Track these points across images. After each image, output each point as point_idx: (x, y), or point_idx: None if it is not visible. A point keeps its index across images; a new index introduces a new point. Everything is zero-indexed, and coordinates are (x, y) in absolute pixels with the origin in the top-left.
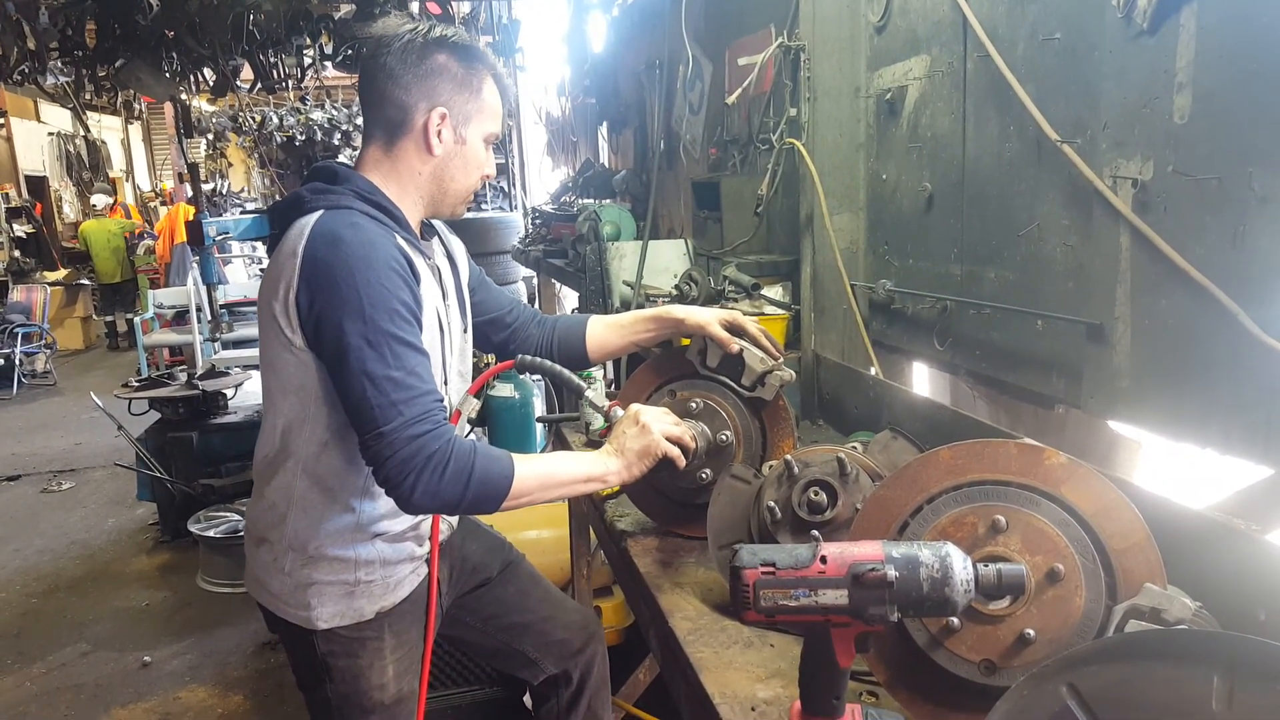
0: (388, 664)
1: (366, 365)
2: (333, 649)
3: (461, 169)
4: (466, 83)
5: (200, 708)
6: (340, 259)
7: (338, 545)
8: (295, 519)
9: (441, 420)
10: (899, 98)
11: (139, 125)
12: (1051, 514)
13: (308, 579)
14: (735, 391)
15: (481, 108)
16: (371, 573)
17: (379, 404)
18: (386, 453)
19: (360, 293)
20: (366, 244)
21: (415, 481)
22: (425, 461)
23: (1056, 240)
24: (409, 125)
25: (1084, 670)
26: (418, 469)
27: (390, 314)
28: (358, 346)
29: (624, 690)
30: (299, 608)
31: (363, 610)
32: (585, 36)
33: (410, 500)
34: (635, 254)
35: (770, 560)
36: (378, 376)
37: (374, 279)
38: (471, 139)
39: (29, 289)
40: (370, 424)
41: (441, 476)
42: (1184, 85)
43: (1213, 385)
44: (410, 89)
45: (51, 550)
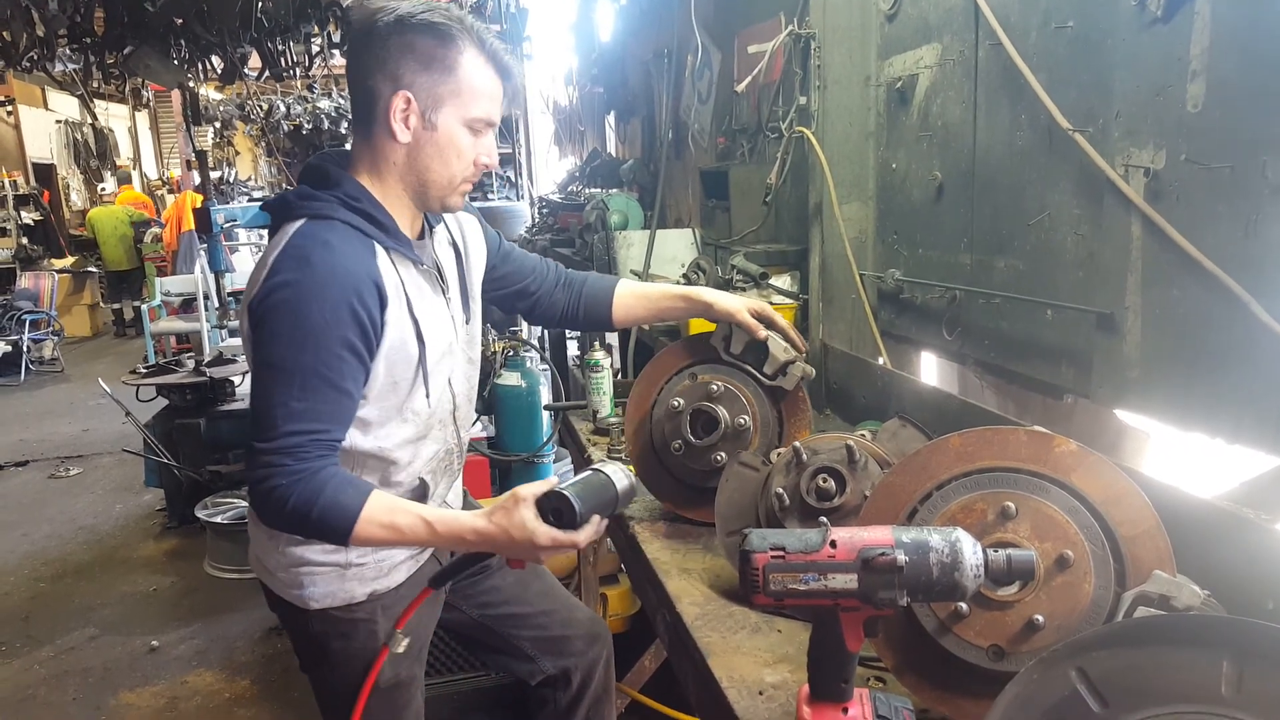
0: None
1: (275, 385)
2: (326, 629)
3: (437, 157)
4: (437, 62)
5: (207, 692)
6: (297, 283)
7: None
8: None
9: (306, 459)
10: (909, 86)
11: (146, 113)
12: (1061, 501)
13: (301, 559)
14: (756, 379)
15: (458, 89)
16: (364, 555)
17: (264, 422)
18: (249, 468)
19: (302, 323)
20: (328, 273)
21: (263, 503)
22: (269, 491)
23: (1067, 229)
24: (376, 112)
25: (1093, 655)
26: (264, 494)
27: (323, 350)
28: (276, 366)
29: (630, 676)
30: (294, 587)
31: (353, 592)
32: (593, 25)
33: (260, 517)
34: (643, 243)
35: (780, 544)
36: (276, 400)
37: (319, 313)
38: (445, 124)
39: (37, 276)
40: (252, 436)
41: (282, 509)
42: (1198, 73)
43: (1223, 375)
44: (374, 74)
45: (59, 535)
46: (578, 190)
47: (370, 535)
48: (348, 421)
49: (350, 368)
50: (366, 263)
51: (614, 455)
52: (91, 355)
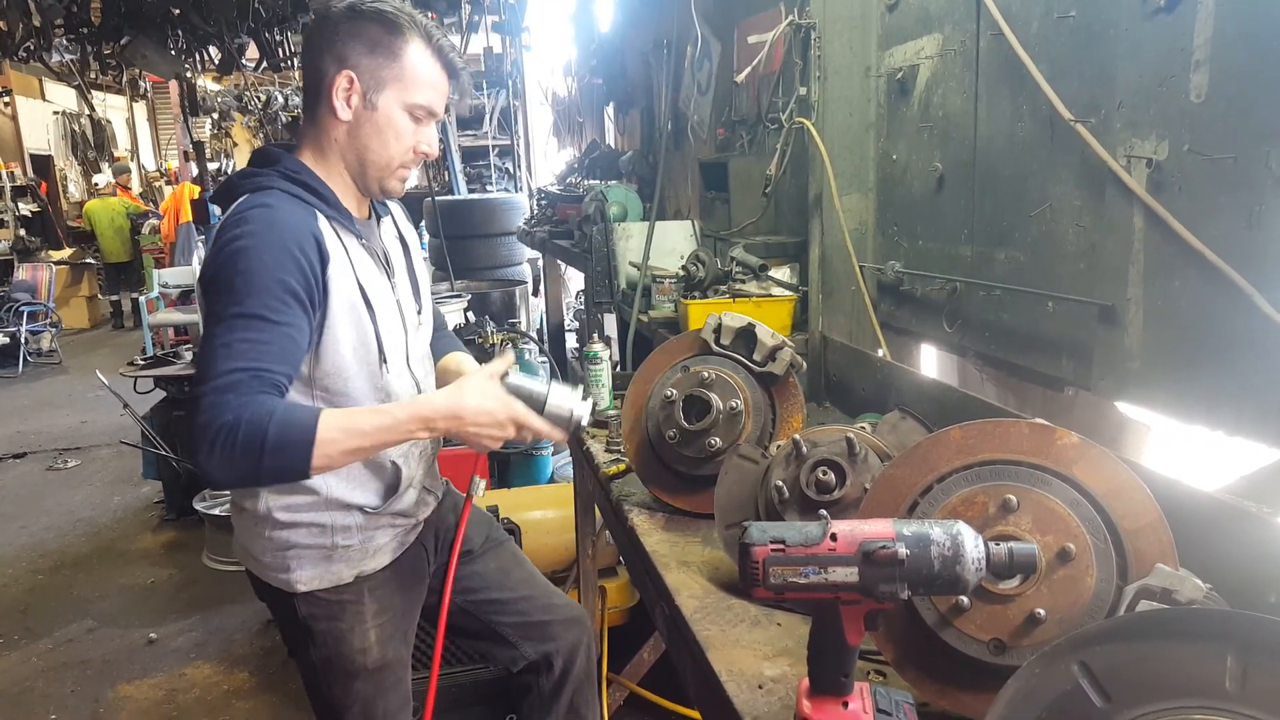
0: (369, 628)
1: (215, 329)
2: (313, 612)
3: (375, 137)
4: (383, 48)
5: (205, 684)
6: (234, 238)
7: (310, 513)
8: (264, 494)
9: (248, 392)
10: (910, 77)
11: (144, 104)
12: (1063, 494)
13: (286, 543)
14: (747, 367)
15: (400, 75)
16: (349, 537)
17: (206, 368)
18: (194, 416)
19: (238, 269)
20: (265, 225)
21: (210, 450)
22: (217, 431)
23: (1068, 221)
24: (322, 90)
25: (1096, 649)
26: (210, 438)
27: (261, 290)
28: (218, 315)
29: (628, 669)
30: (279, 571)
31: (340, 574)
32: (592, 16)
33: (206, 469)
34: (642, 235)
35: (780, 537)
36: (218, 343)
37: (258, 258)
38: (385, 106)
39: (34, 268)
40: (193, 381)
41: (232, 448)
42: (1201, 64)
43: (1225, 367)
44: (322, 54)
45: (58, 528)
46: (576, 182)
47: (333, 445)
48: (293, 365)
49: (293, 312)
50: (306, 221)
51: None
52: (89, 347)
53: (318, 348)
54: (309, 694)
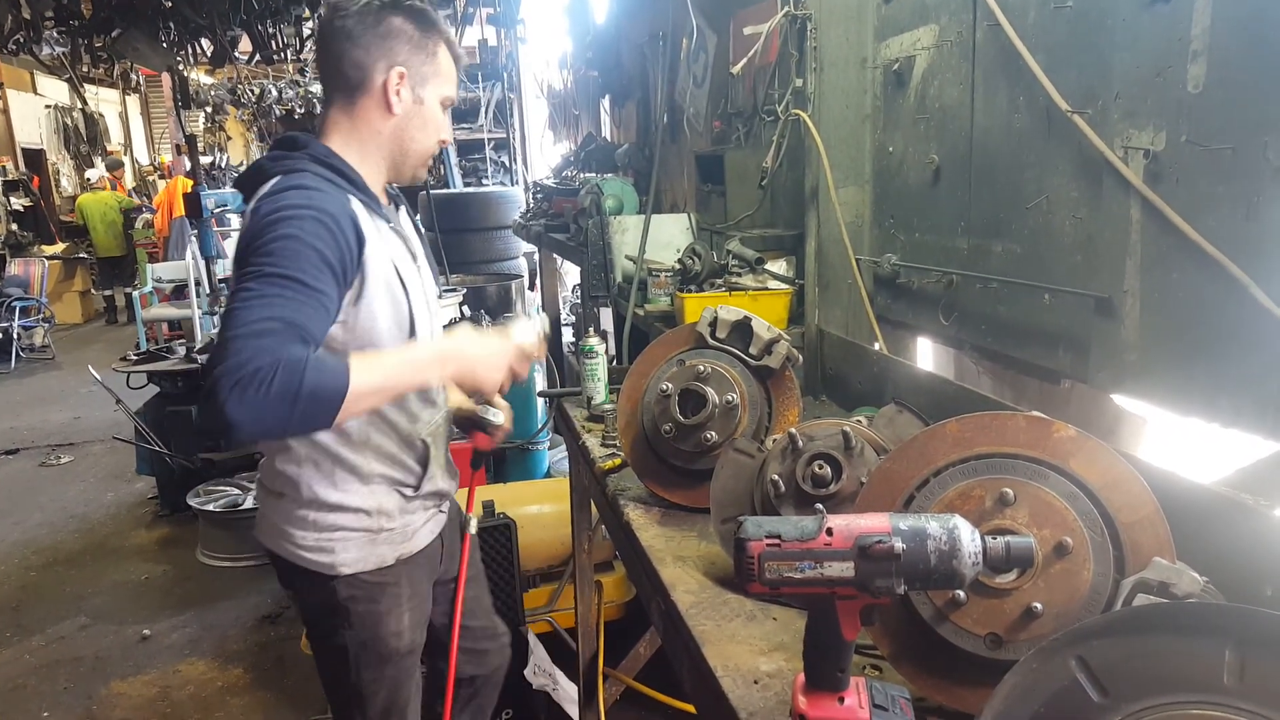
0: (404, 611)
1: (250, 284)
2: (354, 594)
3: (420, 129)
4: (423, 46)
5: (200, 680)
6: (273, 211)
7: (354, 498)
8: (309, 477)
9: (284, 341)
10: (906, 68)
11: (137, 98)
12: (1060, 487)
13: (333, 525)
14: (743, 361)
15: (437, 70)
16: (392, 520)
17: (233, 316)
18: (217, 359)
19: (278, 236)
20: (304, 201)
21: (240, 394)
22: (251, 375)
23: (1065, 213)
24: (368, 85)
25: (1094, 644)
26: (241, 381)
27: (299, 257)
28: (250, 273)
29: (624, 664)
30: (322, 554)
31: (384, 556)
32: (588, 8)
33: (231, 415)
34: (638, 228)
35: (775, 532)
36: (252, 294)
37: (298, 228)
38: (429, 100)
39: (27, 263)
40: (220, 331)
41: (266, 393)
42: (1199, 54)
43: (1223, 359)
44: (369, 49)
45: (50, 524)
46: (572, 175)
47: (365, 386)
48: (322, 332)
49: (328, 283)
50: (343, 202)
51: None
52: (82, 342)
53: (355, 325)
54: (333, 682)
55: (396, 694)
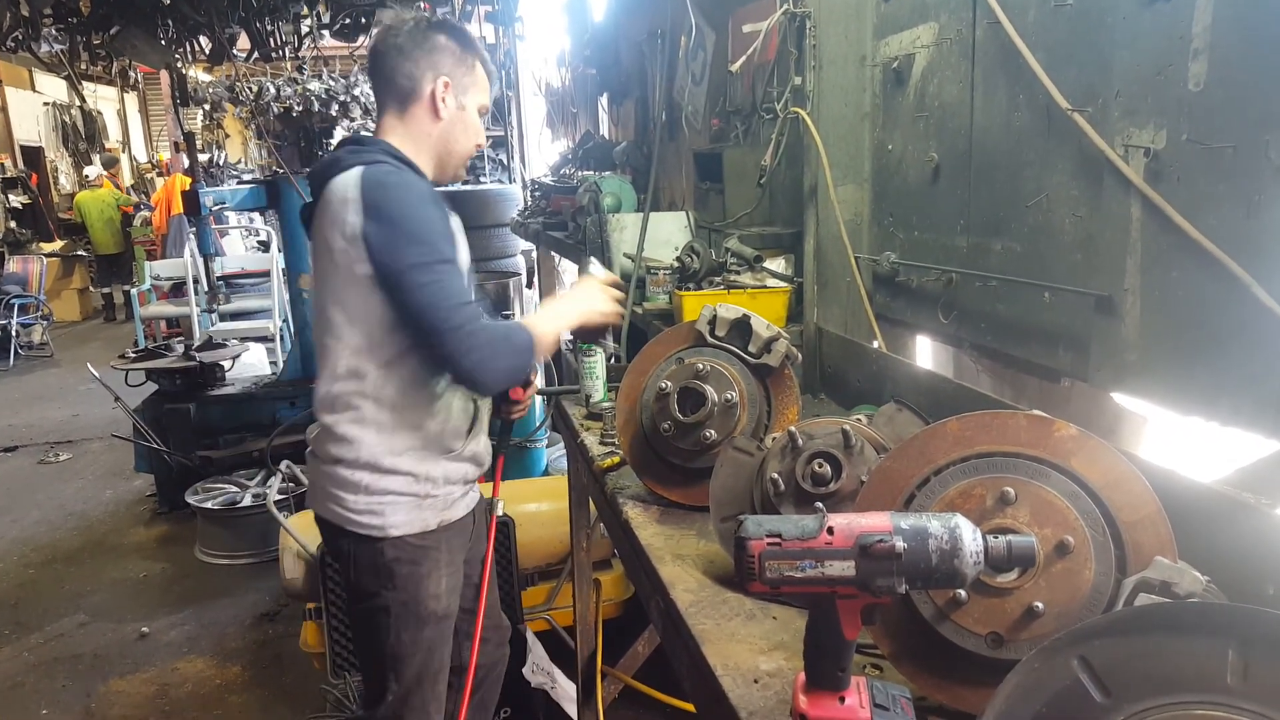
0: (442, 575)
1: (423, 280)
2: (399, 555)
3: (463, 133)
4: (464, 60)
5: (198, 678)
6: (393, 199)
7: (408, 461)
8: (369, 440)
9: (481, 315)
10: (906, 66)
11: (135, 95)
12: (1061, 486)
13: (386, 489)
14: (742, 359)
15: (476, 81)
16: (436, 488)
17: (440, 310)
18: (453, 347)
19: (412, 224)
20: (407, 185)
21: (492, 358)
22: (484, 345)
23: (1065, 211)
24: (418, 93)
25: (1096, 643)
26: (481, 351)
27: (435, 238)
28: (416, 266)
29: (623, 662)
30: (372, 516)
31: (427, 520)
32: (586, 5)
33: (480, 380)
34: (636, 226)
35: (776, 531)
36: (439, 286)
37: (420, 212)
38: (469, 107)
39: (25, 260)
40: (435, 329)
41: (495, 354)
42: (1200, 51)
43: (1224, 358)
44: (419, 62)
45: (49, 521)
46: (570, 173)
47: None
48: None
49: (454, 252)
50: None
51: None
52: (81, 340)
53: None
54: (371, 646)
55: (430, 659)
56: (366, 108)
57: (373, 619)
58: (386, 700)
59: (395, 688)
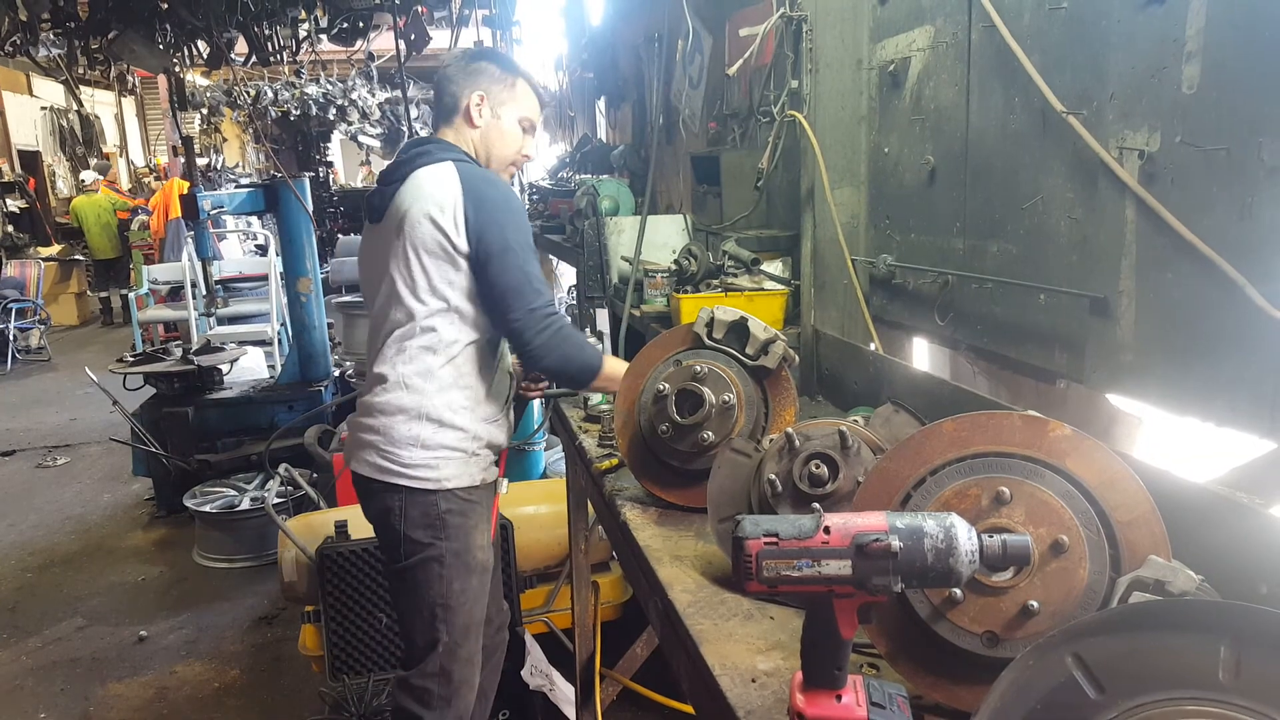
0: (485, 529)
1: (522, 262)
2: (451, 507)
3: (499, 139)
4: (503, 79)
5: (197, 682)
6: (499, 193)
7: (461, 417)
8: (432, 392)
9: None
10: (902, 69)
11: (133, 100)
12: (1056, 486)
13: (441, 443)
14: (740, 361)
15: (514, 97)
16: (480, 447)
17: (531, 290)
18: (532, 324)
19: (515, 217)
20: (508, 188)
21: (550, 340)
22: (558, 329)
23: (1061, 213)
24: (460, 107)
25: (1090, 641)
26: (552, 331)
27: (527, 232)
28: (518, 249)
29: (621, 664)
30: (428, 469)
31: (474, 475)
32: (583, 10)
33: (540, 357)
34: (634, 229)
35: (773, 530)
36: (529, 272)
37: (518, 211)
38: (505, 117)
39: (23, 264)
40: (523, 303)
41: (565, 340)
42: (1193, 55)
43: (1218, 359)
44: (460, 83)
45: (47, 525)
46: (568, 176)
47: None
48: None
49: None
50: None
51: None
52: (78, 344)
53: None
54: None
55: (474, 610)
56: (364, 112)
57: (425, 570)
58: (437, 651)
59: (446, 639)
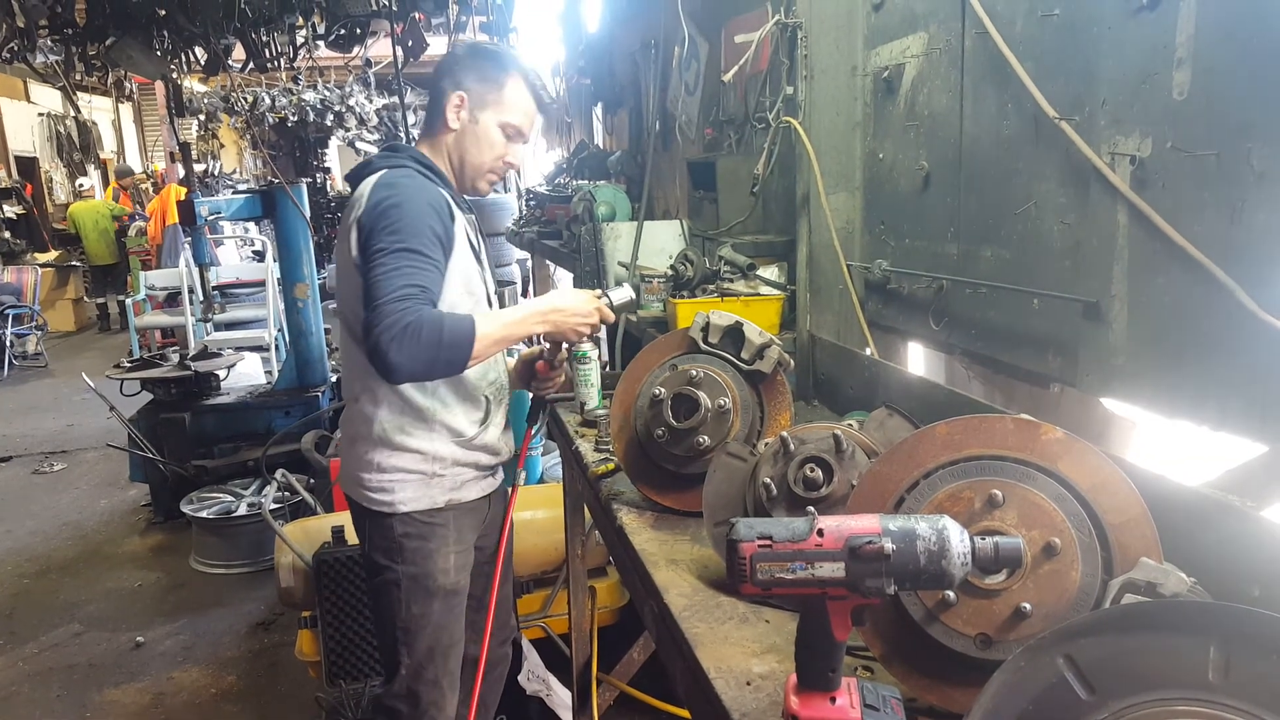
0: (450, 552)
1: (384, 260)
2: (409, 531)
3: (474, 145)
4: (489, 78)
5: (194, 688)
6: (391, 194)
7: (416, 439)
8: (382, 416)
9: (420, 302)
10: (896, 76)
11: (130, 106)
12: (1048, 489)
13: (395, 467)
14: (735, 365)
15: (500, 99)
16: (444, 468)
17: (379, 285)
18: (374, 322)
19: (398, 216)
20: (412, 187)
21: (399, 345)
22: (404, 329)
23: (1053, 218)
24: (439, 106)
25: (1081, 642)
26: (398, 335)
27: (417, 234)
28: (383, 248)
29: (618, 669)
30: (384, 494)
31: (435, 498)
32: (580, 16)
33: (393, 361)
34: (630, 235)
35: (767, 533)
36: (387, 269)
37: (412, 209)
38: (484, 121)
39: (20, 270)
40: (369, 302)
41: (418, 341)
42: (1184, 61)
43: (1210, 362)
44: (443, 81)
45: (44, 531)
46: (565, 182)
47: (486, 338)
48: (439, 293)
49: (437, 250)
50: (439, 190)
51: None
52: (75, 350)
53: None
54: (385, 622)
55: (440, 635)
56: (361, 118)
57: (385, 593)
58: (400, 674)
59: (407, 660)
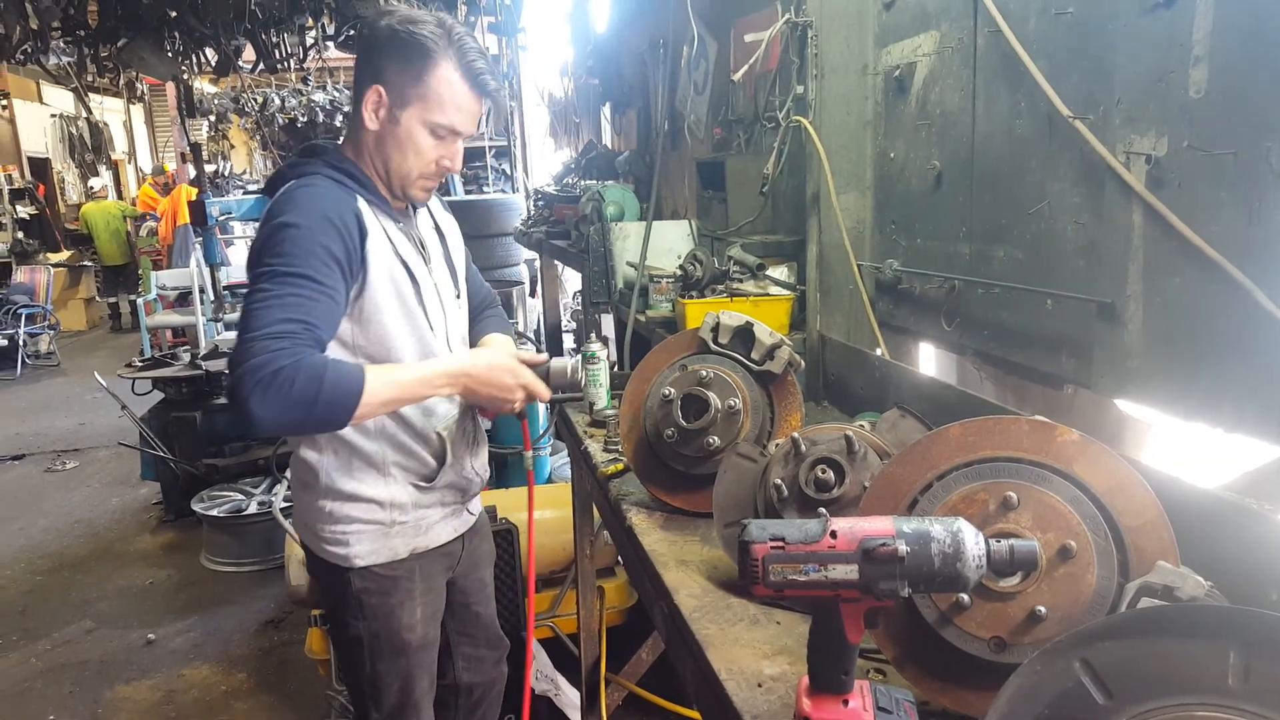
0: (417, 605)
1: (265, 286)
2: (367, 586)
3: (396, 150)
4: (412, 69)
5: (204, 685)
6: (284, 211)
7: (370, 486)
8: (328, 464)
9: (300, 343)
10: (908, 74)
11: (141, 107)
12: (1064, 491)
13: (348, 517)
14: (745, 366)
15: (424, 95)
16: (405, 514)
17: (255, 317)
18: (240, 359)
19: (286, 237)
20: (310, 199)
21: (263, 393)
22: (273, 375)
23: (1067, 218)
24: (360, 99)
25: (1098, 646)
26: (264, 380)
27: (305, 254)
28: (265, 272)
29: (627, 669)
30: (338, 546)
31: (396, 549)
32: (588, 16)
33: (254, 411)
34: (639, 235)
35: (780, 535)
36: (267, 296)
37: (304, 226)
38: (406, 122)
39: (32, 270)
40: (240, 333)
41: (288, 392)
42: (1200, 59)
43: (1226, 364)
44: (362, 67)
45: (56, 529)
46: (573, 182)
47: (375, 395)
48: (333, 325)
49: (335, 277)
50: (347, 200)
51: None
52: (87, 349)
53: (360, 316)
54: (350, 673)
55: (410, 688)
56: None
57: (348, 648)
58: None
59: (375, 715)
